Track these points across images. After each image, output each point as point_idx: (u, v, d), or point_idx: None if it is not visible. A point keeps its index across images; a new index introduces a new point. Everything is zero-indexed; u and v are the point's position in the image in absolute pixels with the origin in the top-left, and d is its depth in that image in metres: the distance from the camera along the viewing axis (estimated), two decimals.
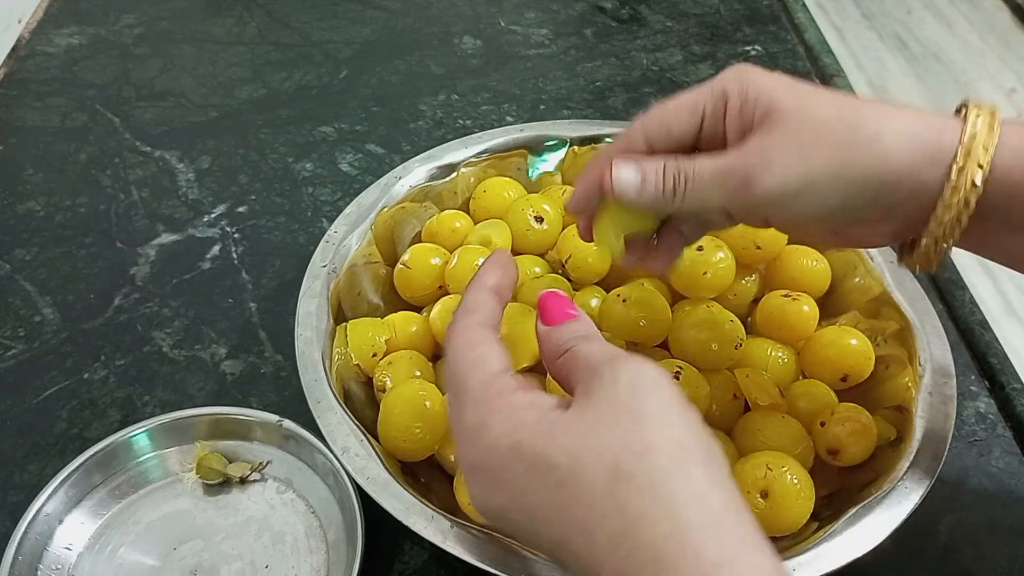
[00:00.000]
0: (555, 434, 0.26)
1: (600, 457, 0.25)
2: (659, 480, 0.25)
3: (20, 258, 0.59)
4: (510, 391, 0.28)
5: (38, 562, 0.41)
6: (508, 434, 0.27)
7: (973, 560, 0.43)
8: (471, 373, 0.29)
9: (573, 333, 0.30)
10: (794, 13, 0.84)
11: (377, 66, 0.76)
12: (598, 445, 0.25)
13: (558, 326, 0.31)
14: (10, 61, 0.76)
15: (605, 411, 0.26)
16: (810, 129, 0.31)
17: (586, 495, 0.25)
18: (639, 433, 0.25)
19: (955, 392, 0.42)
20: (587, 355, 0.29)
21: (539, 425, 0.27)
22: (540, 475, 0.26)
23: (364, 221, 0.50)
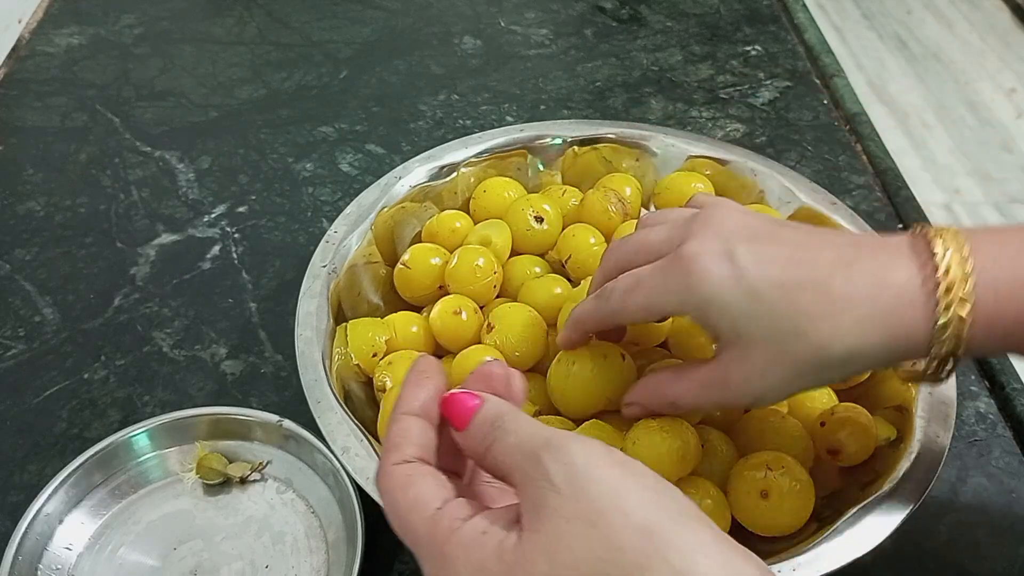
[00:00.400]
0: (520, 569, 0.24)
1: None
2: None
3: (20, 258, 0.59)
4: (457, 526, 0.26)
5: (38, 562, 0.41)
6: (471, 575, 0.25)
7: (973, 560, 0.43)
8: (412, 521, 0.27)
9: (483, 425, 0.28)
10: (794, 13, 0.84)
11: (377, 66, 0.76)
12: (566, 565, 0.24)
13: (468, 427, 0.29)
14: (10, 61, 0.76)
15: (559, 524, 0.24)
16: (783, 361, 0.33)
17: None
18: (599, 536, 0.24)
19: (955, 392, 0.42)
20: (508, 453, 0.27)
21: (501, 564, 0.25)
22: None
23: (364, 221, 0.50)
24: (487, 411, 0.29)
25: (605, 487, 0.25)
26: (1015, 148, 1.88)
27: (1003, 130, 1.92)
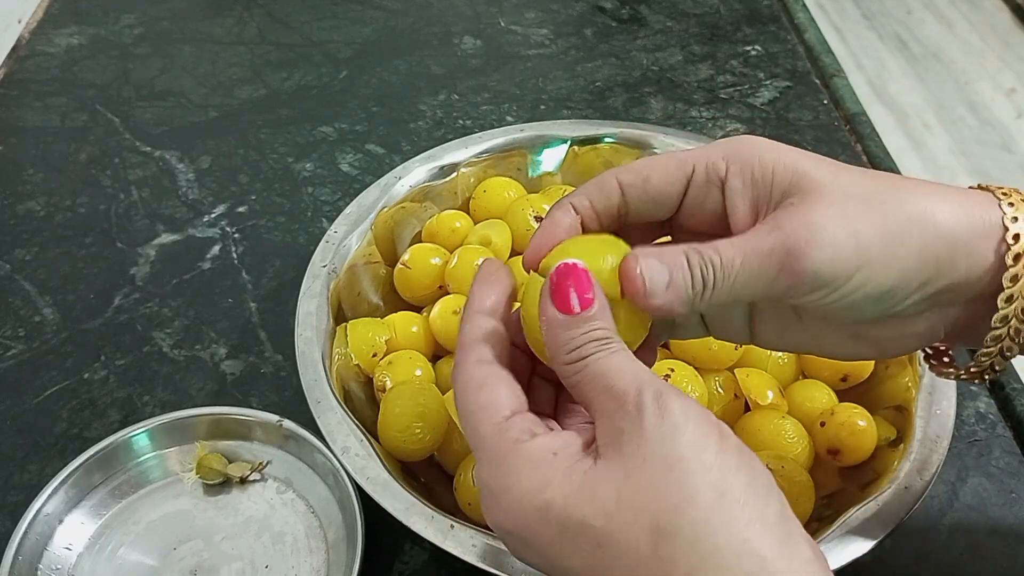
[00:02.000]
0: (587, 492, 0.24)
1: (638, 516, 0.24)
2: (702, 535, 0.23)
3: (20, 258, 0.59)
4: (527, 438, 0.26)
5: (38, 562, 0.41)
6: (534, 494, 0.25)
7: (973, 560, 0.43)
8: (481, 422, 0.27)
9: (591, 335, 0.27)
10: (794, 13, 0.84)
11: (377, 66, 0.76)
12: (635, 502, 0.24)
13: (574, 320, 0.27)
14: (10, 61, 0.76)
15: (636, 462, 0.24)
16: (857, 201, 0.27)
17: (627, 557, 0.24)
18: (675, 484, 0.24)
19: (955, 392, 0.42)
20: (608, 377, 0.26)
21: (569, 483, 0.25)
22: (574, 537, 0.24)
23: (364, 221, 0.50)
24: (598, 318, 0.27)
25: (691, 439, 0.24)
26: (1015, 148, 1.88)
27: (1003, 130, 1.92)
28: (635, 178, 0.31)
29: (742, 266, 0.28)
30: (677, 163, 0.30)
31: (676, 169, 0.30)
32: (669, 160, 0.31)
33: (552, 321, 0.27)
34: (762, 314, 0.33)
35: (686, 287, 0.28)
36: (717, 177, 0.30)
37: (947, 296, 0.29)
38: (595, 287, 0.27)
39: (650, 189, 0.31)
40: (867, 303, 0.28)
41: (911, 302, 0.29)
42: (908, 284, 0.28)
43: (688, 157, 0.30)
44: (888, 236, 0.27)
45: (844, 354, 0.33)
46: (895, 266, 0.28)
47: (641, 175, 0.31)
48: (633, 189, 0.31)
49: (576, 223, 0.31)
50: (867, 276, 0.27)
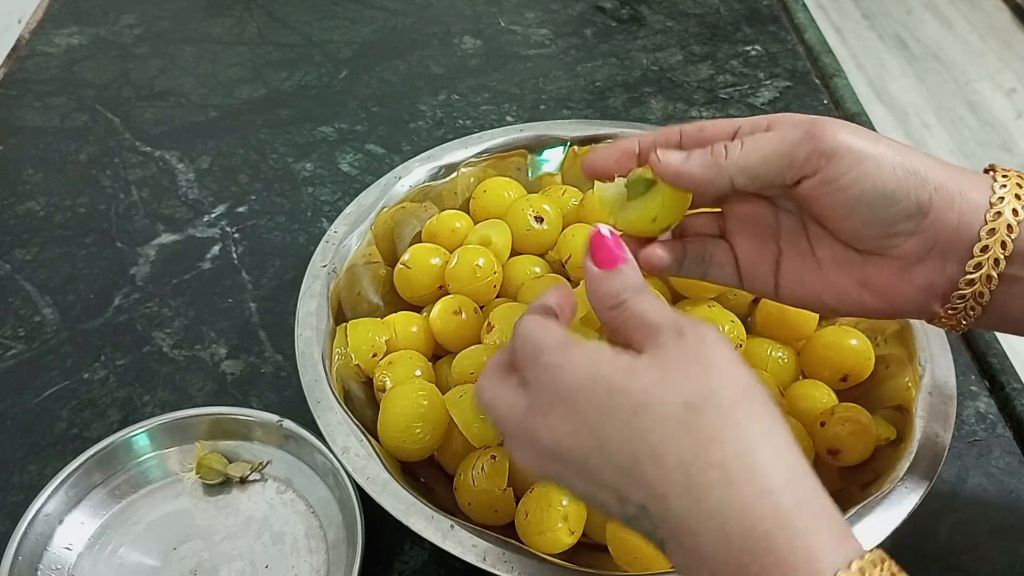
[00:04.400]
0: (632, 371, 0.28)
1: (674, 392, 0.28)
2: (727, 412, 0.27)
3: (20, 258, 0.59)
4: (577, 340, 0.31)
5: (38, 562, 0.41)
6: (587, 365, 0.29)
7: (973, 560, 0.43)
8: (545, 337, 0.31)
9: (625, 285, 0.32)
10: (794, 13, 0.84)
11: (377, 66, 0.76)
12: (672, 383, 0.28)
13: (610, 273, 0.32)
14: (10, 61, 0.76)
15: (676, 359, 0.29)
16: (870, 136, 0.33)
17: (659, 421, 0.27)
18: (709, 376, 0.28)
19: (955, 392, 0.42)
20: (644, 313, 0.31)
21: (617, 362, 0.29)
22: (617, 403, 0.28)
23: (364, 221, 0.50)
24: (631, 272, 0.32)
25: (725, 355, 0.29)
26: (1015, 148, 1.88)
27: (1003, 130, 1.92)
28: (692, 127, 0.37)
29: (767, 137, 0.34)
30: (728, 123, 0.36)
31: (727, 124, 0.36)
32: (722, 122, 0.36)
33: (594, 277, 0.33)
34: (786, 261, 0.37)
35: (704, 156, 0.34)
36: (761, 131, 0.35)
37: (943, 243, 0.33)
38: (624, 248, 0.33)
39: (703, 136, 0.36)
40: (870, 202, 0.32)
41: (907, 230, 0.33)
42: (907, 196, 0.32)
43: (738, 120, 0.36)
44: (899, 150, 0.32)
45: (852, 305, 0.36)
46: (899, 171, 0.32)
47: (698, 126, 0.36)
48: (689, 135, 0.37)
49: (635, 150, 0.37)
50: (875, 167, 0.32)
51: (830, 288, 0.36)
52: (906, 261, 0.33)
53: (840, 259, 0.35)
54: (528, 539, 0.39)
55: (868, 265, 0.34)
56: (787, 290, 0.37)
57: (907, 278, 0.34)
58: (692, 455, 0.26)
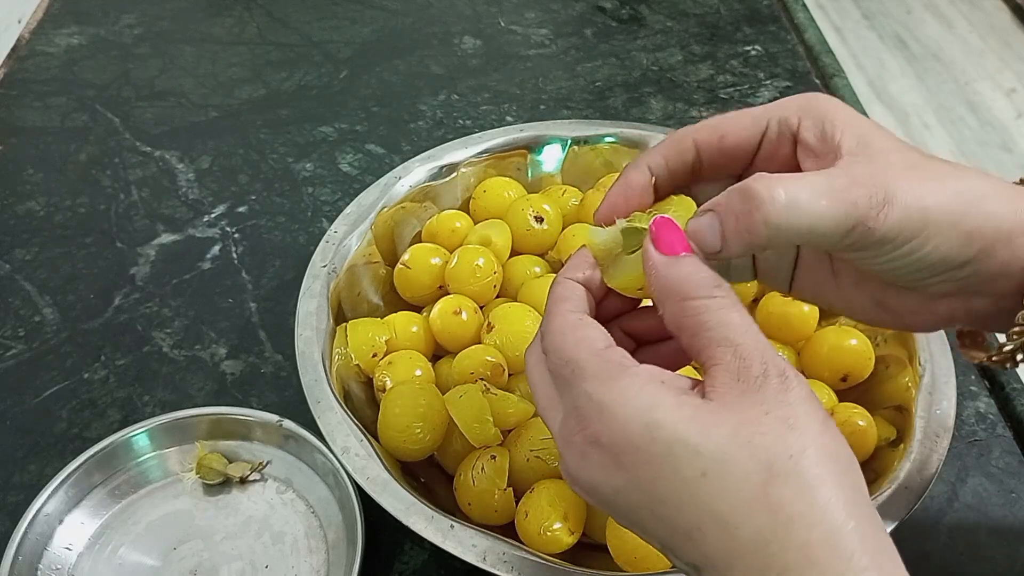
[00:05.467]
0: (700, 423, 0.25)
1: (753, 455, 0.24)
2: (814, 486, 0.24)
3: (20, 258, 0.59)
4: (631, 364, 0.26)
5: (38, 562, 0.41)
6: (643, 412, 0.25)
7: (973, 560, 0.43)
8: (580, 349, 0.27)
9: (702, 285, 0.27)
10: (794, 13, 0.84)
11: (377, 66, 0.76)
12: (751, 442, 0.24)
13: (682, 259, 0.28)
14: (10, 61, 0.76)
15: (756, 412, 0.25)
16: (919, 173, 0.28)
17: (735, 490, 0.24)
18: (792, 437, 0.24)
19: (955, 392, 0.42)
20: (730, 330, 0.26)
21: (681, 409, 0.25)
22: (679, 461, 0.24)
23: (364, 221, 0.50)
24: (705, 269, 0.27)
25: (808, 412, 0.25)
26: (1015, 148, 1.88)
27: (1003, 130, 1.92)
28: (711, 135, 0.31)
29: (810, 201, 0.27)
30: (752, 119, 0.31)
31: (751, 125, 0.31)
32: (743, 116, 0.31)
33: (658, 264, 0.28)
34: (805, 270, 0.34)
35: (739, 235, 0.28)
36: (790, 131, 0.31)
37: (976, 284, 0.30)
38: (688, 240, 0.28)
39: (725, 145, 0.31)
40: (908, 270, 0.29)
41: (943, 279, 0.29)
42: (951, 261, 0.29)
43: (762, 112, 0.31)
44: (948, 213, 0.28)
45: (865, 318, 0.34)
46: (947, 242, 0.28)
47: (717, 132, 0.31)
48: (709, 146, 0.31)
49: (649, 184, 0.32)
50: (921, 244, 0.28)
51: (845, 300, 0.34)
52: (932, 295, 0.31)
53: (861, 280, 0.32)
54: (528, 539, 0.39)
55: (889, 290, 0.32)
56: (799, 292, 0.35)
57: (929, 308, 0.31)
58: (771, 532, 0.23)
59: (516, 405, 0.42)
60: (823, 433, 0.25)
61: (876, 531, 0.24)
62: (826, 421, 0.25)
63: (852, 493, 0.24)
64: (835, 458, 0.25)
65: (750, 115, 0.31)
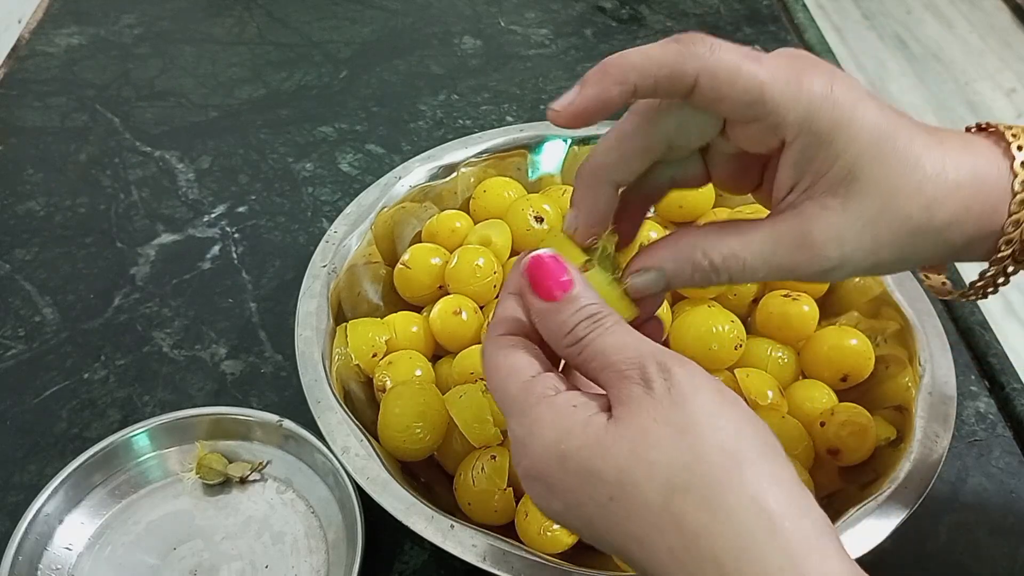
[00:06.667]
0: (602, 447, 0.25)
1: (651, 472, 0.24)
2: (713, 492, 0.24)
3: (20, 258, 0.59)
4: (551, 394, 0.27)
5: (38, 562, 0.41)
6: (555, 443, 0.26)
7: (973, 560, 0.43)
8: (508, 383, 0.28)
9: (579, 315, 0.28)
10: (794, 13, 0.84)
11: (377, 66, 0.76)
12: (647, 459, 0.25)
13: (558, 305, 0.28)
14: (10, 61, 0.76)
15: (649, 424, 0.25)
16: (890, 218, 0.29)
17: (640, 511, 0.25)
18: (686, 444, 0.25)
19: (955, 392, 0.42)
20: (607, 355, 0.27)
21: (585, 435, 0.26)
22: (591, 488, 0.25)
23: (364, 221, 0.50)
24: (584, 302, 0.28)
25: (700, 405, 0.25)
26: None
27: None
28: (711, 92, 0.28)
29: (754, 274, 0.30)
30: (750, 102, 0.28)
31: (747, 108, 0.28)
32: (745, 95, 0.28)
33: (540, 312, 0.29)
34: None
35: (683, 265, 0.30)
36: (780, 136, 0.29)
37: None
38: (570, 269, 0.29)
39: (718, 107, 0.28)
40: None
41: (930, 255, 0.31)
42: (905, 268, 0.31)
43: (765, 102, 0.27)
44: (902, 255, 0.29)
45: None
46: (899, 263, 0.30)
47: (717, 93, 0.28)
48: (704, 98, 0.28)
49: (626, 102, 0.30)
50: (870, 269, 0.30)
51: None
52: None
53: None
54: (528, 539, 0.39)
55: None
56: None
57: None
58: (683, 549, 0.24)
59: None
60: (715, 429, 0.25)
61: (797, 521, 0.24)
62: (716, 412, 0.25)
63: (760, 484, 0.24)
64: (733, 453, 0.25)
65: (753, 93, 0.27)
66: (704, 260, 0.30)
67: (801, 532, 0.24)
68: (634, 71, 0.28)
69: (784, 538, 0.23)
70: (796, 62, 0.28)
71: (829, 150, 0.28)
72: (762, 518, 0.24)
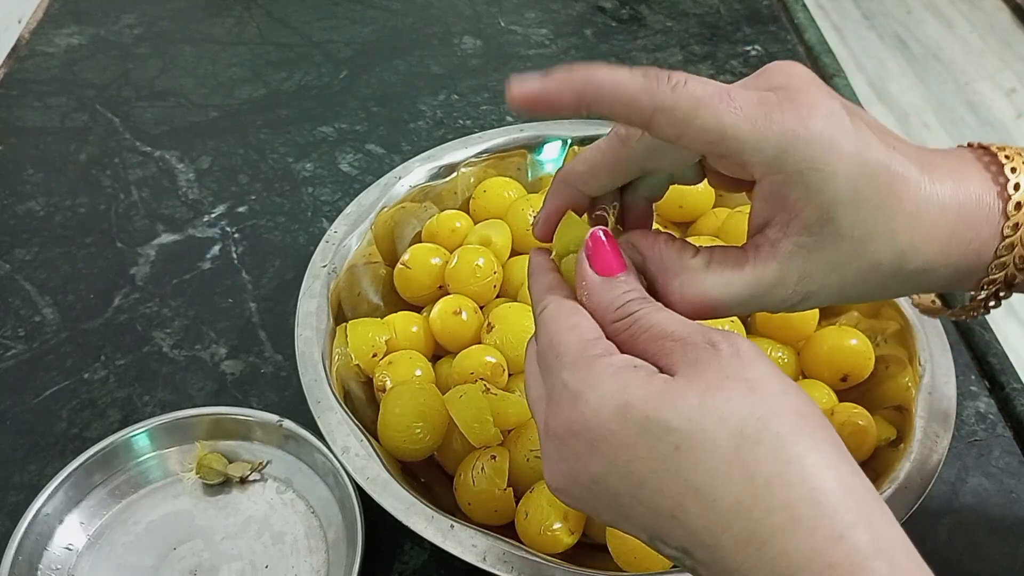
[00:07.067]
0: (669, 397, 0.25)
1: (722, 422, 0.24)
2: (787, 444, 0.24)
3: (20, 258, 0.59)
4: (610, 354, 0.27)
5: (38, 562, 0.41)
6: (614, 395, 0.25)
7: (973, 560, 0.43)
8: (568, 336, 0.27)
9: (632, 292, 0.28)
10: (794, 13, 0.84)
11: (377, 66, 0.76)
12: (718, 409, 0.24)
13: (611, 280, 0.28)
14: (10, 61, 0.76)
15: (718, 379, 0.25)
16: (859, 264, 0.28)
17: (708, 460, 0.24)
18: (758, 400, 0.24)
19: (955, 392, 0.42)
20: (662, 324, 0.27)
21: (649, 386, 0.25)
22: (653, 439, 0.24)
23: (364, 221, 0.50)
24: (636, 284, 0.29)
25: (769, 369, 0.25)
26: None
27: (1003, 130, 1.92)
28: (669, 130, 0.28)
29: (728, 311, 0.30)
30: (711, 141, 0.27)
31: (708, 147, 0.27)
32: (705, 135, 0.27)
33: (593, 284, 0.29)
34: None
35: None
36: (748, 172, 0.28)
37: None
38: (624, 257, 0.29)
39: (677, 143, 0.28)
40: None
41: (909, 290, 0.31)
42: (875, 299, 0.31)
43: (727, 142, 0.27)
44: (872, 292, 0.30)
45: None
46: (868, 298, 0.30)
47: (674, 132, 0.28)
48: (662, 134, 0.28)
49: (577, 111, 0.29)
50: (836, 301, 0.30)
51: None
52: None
53: None
54: (528, 539, 0.39)
55: None
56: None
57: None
58: (752, 498, 0.23)
59: (516, 405, 0.42)
60: (786, 392, 0.25)
61: (858, 483, 0.24)
62: (783, 379, 0.25)
63: (829, 447, 0.24)
64: (804, 414, 0.24)
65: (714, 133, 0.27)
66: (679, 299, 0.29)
67: (869, 495, 0.24)
68: (593, 87, 0.28)
69: (857, 497, 0.23)
70: (770, 97, 0.27)
71: (803, 191, 0.27)
72: (835, 477, 0.23)
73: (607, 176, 0.32)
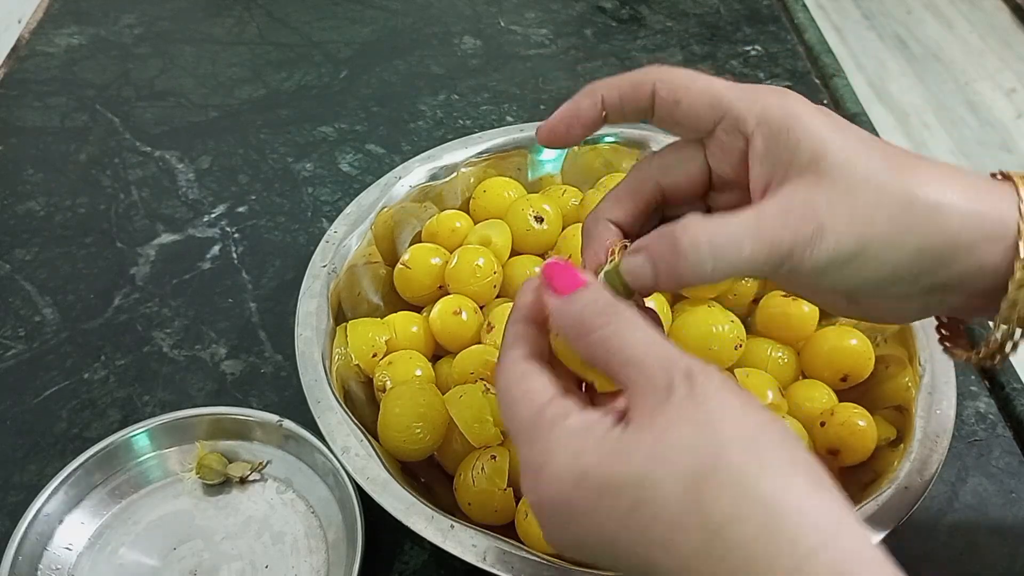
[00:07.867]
0: (620, 455, 0.25)
1: (672, 469, 0.24)
2: (740, 476, 0.23)
3: (20, 258, 0.59)
4: (563, 419, 0.26)
5: (38, 562, 0.41)
6: (570, 465, 0.25)
7: (973, 560, 0.43)
8: (520, 409, 0.27)
9: (594, 306, 0.27)
10: (794, 13, 0.84)
11: (377, 66, 0.76)
12: (667, 457, 0.24)
13: (573, 297, 0.28)
14: (10, 61, 0.76)
15: (666, 423, 0.25)
16: (865, 190, 0.28)
17: (663, 511, 0.24)
18: (710, 433, 0.24)
19: (955, 392, 0.42)
20: (626, 348, 0.26)
21: (601, 448, 0.25)
22: (611, 500, 0.24)
23: (364, 221, 0.50)
24: (599, 294, 0.28)
25: (722, 403, 0.25)
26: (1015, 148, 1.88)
27: (1003, 130, 1.92)
28: (668, 95, 0.31)
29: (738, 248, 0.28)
30: (710, 103, 0.31)
31: (707, 108, 0.31)
32: (703, 96, 0.31)
33: (556, 309, 0.29)
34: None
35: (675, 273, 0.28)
36: (742, 133, 0.30)
37: (942, 289, 0.30)
38: (585, 273, 0.29)
39: (677, 114, 0.31)
40: (856, 284, 0.29)
41: (901, 289, 0.30)
42: (901, 276, 0.29)
43: (722, 100, 0.30)
44: (891, 233, 0.28)
45: (840, 313, 0.35)
46: (891, 260, 0.28)
47: (673, 96, 0.31)
48: (663, 104, 0.32)
49: (598, 114, 0.33)
50: (862, 267, 0.28)
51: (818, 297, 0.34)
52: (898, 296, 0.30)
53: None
54: (528, 539, 0.39)
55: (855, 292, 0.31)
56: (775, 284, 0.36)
57: (900, 306, 0.31)
58: (708, 543, 0.23)
59: None
60: (742, 419, 0.24)
61: (816, 503, 0.23)
62: (745, 404, 0.25)
63: (787, 470, 0.24)
64: (759, 441, 0.24)
65: (710, 98, 0.31)
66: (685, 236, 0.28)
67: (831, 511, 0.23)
68: (603, 86, 0.32)
69: (815, 516, 0.23)
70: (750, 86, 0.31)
71: (790, 136, 0.29)
72: (791, 500, 0.23)
73: (630, 200, 0.33)
